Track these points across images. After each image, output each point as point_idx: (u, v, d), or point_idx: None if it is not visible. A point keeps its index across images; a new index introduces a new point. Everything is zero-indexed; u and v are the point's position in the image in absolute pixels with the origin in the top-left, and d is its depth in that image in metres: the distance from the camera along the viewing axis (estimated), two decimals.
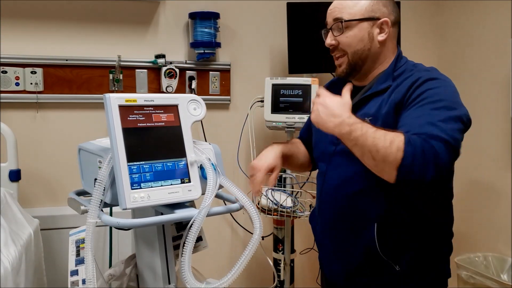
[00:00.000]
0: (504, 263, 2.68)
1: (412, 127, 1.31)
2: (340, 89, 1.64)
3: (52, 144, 2.63)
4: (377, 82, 1.55)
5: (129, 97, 1.27)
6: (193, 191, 1.30)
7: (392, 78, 1.52)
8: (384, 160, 1.28)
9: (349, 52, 1.55)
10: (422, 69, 1.52)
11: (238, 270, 1.26)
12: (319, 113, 1.39)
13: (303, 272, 3.19)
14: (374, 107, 1.49)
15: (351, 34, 1.54)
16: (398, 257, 1.49)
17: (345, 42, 1.55)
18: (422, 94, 1.39)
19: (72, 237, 1.50)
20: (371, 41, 1.54)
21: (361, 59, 1.55)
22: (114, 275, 1.57)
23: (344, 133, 1.34)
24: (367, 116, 1.47)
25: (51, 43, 2.60)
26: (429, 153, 1.24)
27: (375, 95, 1.52)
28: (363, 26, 1.53)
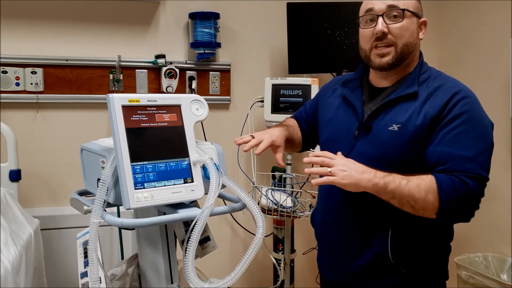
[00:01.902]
0: (504, 263, 2.69)
1: (449, 160, 1.36)
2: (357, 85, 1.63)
3: (52, 144, 2.63)
4: (403, 86, 1.50)
5: (132, 97, 1.27)
6: (196, 191, 1.30)
7: (418, 83, 1.49)
8: (423, 209, 1.36)
9: (399, 44, 1.48)
10: (451, 80, 1.50)
11: (242, 269, 1.26)
12: (347, 174, 1.35)
13: (303, 272, 3.20)
14: (403, 115, 1.45)
15: (405, 25, 1.48)
16: (405, 261, 1.50)
17: (398, 32, 1.47)
18: (461, 116, 1.39)
19: (79, 240, 1.50)
20: (417, 37, 1.52)
21: (408, 53, 1.50)
22: (116, 275, 1.57)
23: (380, 187, 1.35)
24: (394, 122, 1.45)
25: (51, 43, 2.60)
26: (465, 196, 1.33)
27: (402, 100, 1.48)
28: (413, 20, 1.50)
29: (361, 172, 1.35)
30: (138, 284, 1.59)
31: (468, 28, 3.00)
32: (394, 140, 1.44)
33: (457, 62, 3.08)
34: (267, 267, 2.92)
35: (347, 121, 1.58)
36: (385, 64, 1.50)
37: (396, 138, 1.44)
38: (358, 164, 1.38)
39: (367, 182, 1.35)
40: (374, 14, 1.50)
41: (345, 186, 1.36)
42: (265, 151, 1.61)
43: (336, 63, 2.75)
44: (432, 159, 1.40)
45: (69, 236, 2.45)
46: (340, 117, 1.63)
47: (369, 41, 1.52)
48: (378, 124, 1.49)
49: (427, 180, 1.35)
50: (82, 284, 1.44)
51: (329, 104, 1.71)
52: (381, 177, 1.35)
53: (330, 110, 1.69)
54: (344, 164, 1.37)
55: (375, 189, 1.36)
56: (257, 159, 2.81)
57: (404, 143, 1.43)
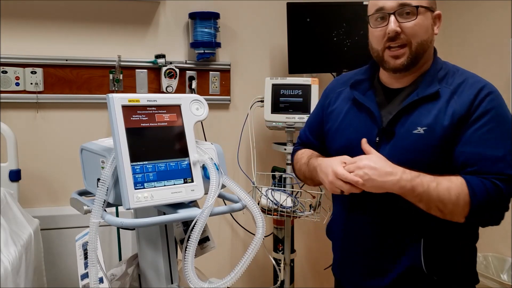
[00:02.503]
0: (504, 263, 2.68)
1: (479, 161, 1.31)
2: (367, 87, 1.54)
3: (52, 144, 2.63)
4: (422, 86, 1.42)
5: (132, 97, 1.27)
6: (196, 191, 1.30)
7: (437, 81, 1.42)
8: (452, 213, 1.31)
9: (413, 42, 1.39)
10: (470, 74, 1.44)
11: (241, 269, 1.26)
12: (370, 176, 1.30)
13: (303, 272, 3.20)
14: (428, 116, 1.38)
15: (419, 22, 1.39)
16: (439, 268, 1.43)
17: (412, 31, 1.39)
18: (487, 114, 1.34)
19: (78, 242, 1.50)
20: (432, 33, 1.44)
21: (424, 52, 1.42)
22: (116, 275, 1.57)
23: (407, 190, 1.30)
24: (419, 125, 1.38)
25: (51, 43, 2.60)
26: (497, 199, 1.29)
27: (424, 101, 1.40)
28: (427, 15, 1.41)
29: (385, 174, 1.30)
30: (138, 284, 1.59)
31: (468, 28, 2.99)
32: (421, 144, 1.37)
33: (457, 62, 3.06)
34: (267, 267, 2.92)
35: (364, 127, 1.48)
36: (400, 65, 1.42)
37: (423, 141, 1.36)
38: (384, 161, 1.32)
39: (391, 186, 1.30)
40: (385, 12, 1.41)
41: (372, 189, 1.32)
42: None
43: (336, 63, 2.75)
44: (460, 159, 1.34)
45: (69, 236, 2.45)
46: (353, 123, 1.52)
47: (381, 42, 1.43)
48: (401, 128, 1.41)
49: (457, 183, 1.30)
50: (83, 285, 1.44)
51: (337, 110, 1.60)
52: (408, 180, 1.30)
53: (338, 116, 1.58)
54: (365, 166, 1.31)
55: (400, 192, 1.31)
56: (257, 159, 2.82)
57: (432, 146, 1.36)
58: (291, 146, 2.65)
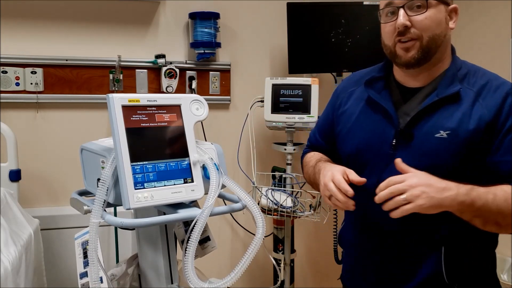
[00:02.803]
0: (504, 263, 2.68)
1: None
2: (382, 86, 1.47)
3: (52, 144, 2.63)
4: (442, 85, 1.35)
5: (132, 97, 1.27)
6: (196, 191, 1.30)
7: (458, 81, 1.35)
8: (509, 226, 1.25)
9: (424, 36, 1.32)
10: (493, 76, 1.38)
11: (241, 269, 1.26)
12: (428, 195, 1.19)
13: (303, 272, 3.20)
14: (450, 119, 1.31)
15: (431, 15, 1.32)
16: (460, 277, 1.38)
17: (423, 24, 1.32)
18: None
19: (77, 240, 1.50)
20: (446, 27, 1.36)
21: (436, 47, 1.34)
22: (116, 275, 1.57)
23: (466, 206, 1.22)
24: (441, 129, 1.31)
25: (51, 43, 2.60)
26: None
27: (444, 102, 1.33)
28: (441, 8, 1.33)
29: (442, 190, 1.20)
30: (138, 284, 1.59)
31: (468, 28, 2.99)
32: (443, 149, 1.30)
33: None
34: (267, 267, 2.92)
35: (379, 128, 1.42)
36: (411, 59, 1.34)
37: (445, 146, 1.30)
38: (433, 178, 1.22)
39: (451, 202, 1.21)
40: (394, 6, 1.35)
41: (426, 211, 1.21)
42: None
43: (336, 63, 2.75)
44: (502, 170, 1.28)
45: (69, 236, 2.44)
46: (367, 124, 1.46)
47: (392, 36, 1.37)
48: (421, 131, 1.34)
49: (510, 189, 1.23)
50: (82, 284, 1.44)
51: (349, 111, 1.53)
52: (465, 194, 1.21)
53: (351, 117, 1.51)
54: (420, 184, 1.21)
55: (459, 208, 1.23)
56: (257, 159, 2.81)
57: (455, 151, 1.29)
58: (291, 146, 2.65)
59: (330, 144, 1.63)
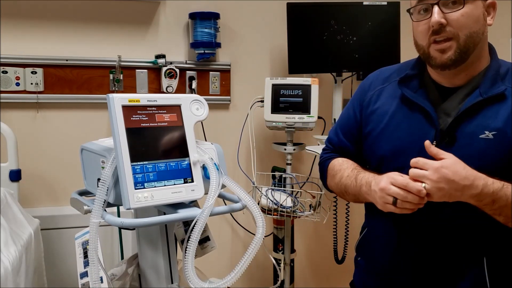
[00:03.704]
0: None
1: None
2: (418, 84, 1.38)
3: (52, 144, 2.63)
4: (485, 84, 1.28)
5: (132, 97, 1.27)
6: (196, 191, 1.30)
7: (501, 79, 1.29)
8: None
9: (461, 35, 1.25)
10: None
11: (241, 269, 1.26)
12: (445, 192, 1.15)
13: (303, 272, 3.20)
14: (495, 119, 1.25)
15: (468, 12, 1.24)
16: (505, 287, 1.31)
17: (459, 22, 1.24)
18: None
19: (77, 240, 1.50)
20: (484, 24, 1.29)
21: (474, 45, 1.27)
22: (116, 275, 1.57)
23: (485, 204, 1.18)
24: (486, 129, 1.24)
25: (51, 43, 2.60)
26: None
27: (489, 102, 1.26)
28: (478, 4, 1.26)
29: (463, 188, 1.15)
30: (138, 284, 1.59)
31: None
32: (490, 150, 1.24)
33: None
34: (267, 267, 2.92)
35: (418, 129, 1.34)
36: (447, 60, 1.27)
37: (492, 147, 1.24)
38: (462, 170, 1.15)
39: (468, 198, 1.17)
40: (428, 3, 1.27)
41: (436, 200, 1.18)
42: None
43: (336, 63, 2.75)
44: None
45: (69, 236, 2.44)
46: (403, 125, 1.37)
47: (426, 36, 1.29)
48: (464, 132, 1.27)
49: None
50: (82, 284, 1.44)
51: (380, 110, 1.43)
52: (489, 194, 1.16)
53: (383, 116, 1.42)
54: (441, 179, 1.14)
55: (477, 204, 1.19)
56: (257, 159, 2.82)
57: (503, 152, 1.23)
58: (291, 146, 2.65)
59: (356, 146, 1.53)
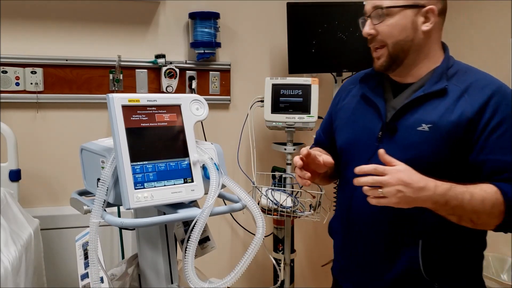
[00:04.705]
0: (504, 263, 2.68)
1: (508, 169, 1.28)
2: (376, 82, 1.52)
3: (52, 144, 2.63)
4: (430, 81, 1.39)
5: (132, 97, 1.27)
6: (196, 191, 1.30)
7: (446, 78, 1.38)
8: (485, 224, 1.30)
9: (389, 43, 1.40)
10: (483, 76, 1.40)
11: (241, 269, 1.26)
12: (404, 194, 1.23)
13: (303, 272, 3.20)
14: (433, 113, 1.35)
15: (392, 23, 1.38)
16: (439, 275, 1.40)
17: (385, 32, 1.39)
18: (507, 120, 1.30)
19: (78, 242, 1.50)
20: (415, 31, 1.39)
21: (403, 51, 1.40)
22: (116, 275, 1.57)
23: (440, 205, 1.26)
24: (423, 122, 1.35)
25: (51, 43, 2.60)
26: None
27: (430, 97, 1.37)
28: (406, 14, 1.38)
29: (419, 189, 1.23)
30: (138, 284, 1.59)
31: (468, 28, 2.99)
32: (424, 142, 1.34)
33: None
34: (267, 267, 2.92)
35: (368, 122, 1.47)
36: (380, 66, 1.44)
37: (427, 139, 1.34)
38: (415, 175, 1.25)
39: (424, 201, 1.25)
40: (365, 16, 1.45)
41: (399, 206, 1.26)
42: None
43: (336, 63, 2.75)
44: (486, 168, 1.30)
45: (69, 236, 2.45)
46: (359, 118, 1.51)
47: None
48: (405, 124, 1.38)
49: (491, 192, 1.27)
50: (83, 286, 1.44)
51: (345, 106, 1.60)
52: (441, 194, 1.24)
53: (347, 112, 1.58)
54: (399, 182, 1.23)
55: (433, 207, 1.27)
56: (257, 159, 2.81)
57: (436, 144, 1.33)
58: (291, 146, 2.65)
59: (330, 140, 1.68)
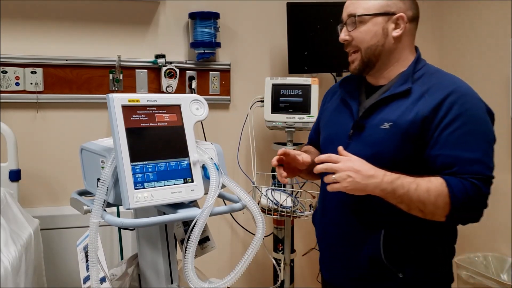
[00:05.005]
0: (504, 263, 2.69)
1: (457, 163, 1.35)
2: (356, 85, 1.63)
3: (52, 144, 2.63)
4: (396, 84, 1.49)
5: (132, 97, 1.27)
6: (196, 191, 1.30)
7: (412, 81, 1.47)
8: (432, 213, 1.35)
9: (362, 48, 1.51)
10: (447, 78, 1.48)
11: (241, 269, 1.26)
12: (354, 179, 1.33)
13: (303, 272, 3.19)
14: (395, 112, 1.44)
15: (365, 29, 1.49)
16: (402, 265, 1.47)
17: (358, 38, 1.51)
18: (460, 117, 1.37)
19: (79, 246, 1.50)
20: (385, 36, 1.49)
21: (375, 55, 1.51)
22: (116, 275, 1.57)
23: (388, 193, 1.34)
24: (386, 121, 1.44)
25: (51, 43, 2.60)
26: (476, 198, 1.33)
27: (395, 98, 1.47)
28: (377, 21, 1.49)
29: (368, 176, 1.34)
30: (138, 284, 1.59)
31: (468, 28, 3.00)
32: (385, 139, 1.43)
33: (457, 62, 3.08)
34: (267, 267, 2.92)
35: (343, 121, 1.58)
36: (354, 70, 1.56)
37: (387, 136, 1.43)
38: (366, 165, 1.36)
39: (373, 188, 1.34)
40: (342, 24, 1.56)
41: (350, 191, 1.35)
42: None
43: (336, 63, 2.75)
44: (438, 163, 1.38)
45: (69, 236, 2.45)
46: (337, 118, 1.63)
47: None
48: (371, 123, 1.48)
49: (437, 184, 1.33)
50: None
51: (328, 108, 1.72)
52: (388, 182, 1.33)
53: (328, 113, 1.70)
54: (349, 168, 1.34)
55: (382, 194, 1.35)
56: (257, 159, 2.81)
57: (396, 141, 1.41)
58: (291, 146, 2.65)
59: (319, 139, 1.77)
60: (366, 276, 1.51)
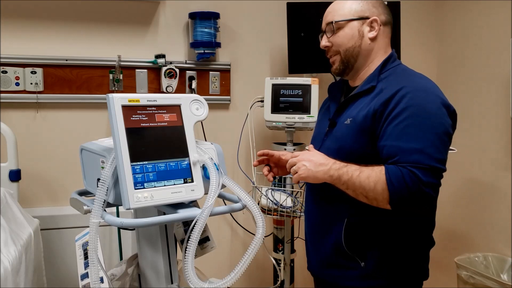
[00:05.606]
0: (504, 263, 2.68)
1: (398, 153, 1.39)
2: (340, 89, 1.75)
3: (52, 144, 2.63)
4: (363, 83, 1.61)
5: (132, 97, 1.27)
6: (196, 191, 1.30)
7: (377, 80, 1.56)
8: (375, 199, 1.40)
9: (341, 51, 1.62)
10: (410, 76, 1.54)
11: (241, 269, 1.26)
12: (306, 167, 1.46)
13: (303, 272, 3.19)
14: (356, 109, 1.54)
15: (342, 34, 1.61)
16: (363, 254, 1.54)
17: (337, 42, 1.62)
18: (406, 111, 1.42)
19: (78, 242, 1.50)
20: (361, 38, 1.60)
21: (353, 56, 1.62)
22: (116, 275, 1.57)
23: (335, 179, 1.44)
24: (349, 117, 1.55)
25: (51, 43, 2.60)
26: (414, 186, 1.33)
27: (360, 96, 1.57)
28: (353, 25, 1.60)
29: (318, 165, 1.46)
30: (138, 284, 1.59)
31: (468, 28, 3.00)
32: (345, 134, 1.54)
33: (457, 62, 3.08)
34: (267, 267, 2.92)
35: (324, 121, 1.70)
36: (335, 70, 1.67)
37: (347, 131, 1.53)
38: (321, 156, 1.50)
39: (323, 175, 1.45)
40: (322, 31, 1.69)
41: (306, 179, 1.48)
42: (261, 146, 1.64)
43: None
44: (383, 153, 1.44)
45: (69, 236, 2.45)
46: (321, 120, 1.76)
47: None
48: (340, 120, 1.59)
49: (377, 171, 1.39)
50: (83, 285, 1.44)
51: (322, 109, 1.84)
52: (336, 169, 1.44)
53: (319, 116, 1.83)
54: (305, 159, 1.48)
55: (330, 180, 1.45)
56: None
57: (354, 135, 1.51)
58: (291, 146, 2.65)
59: None
60: (333, 264, 1.60)
